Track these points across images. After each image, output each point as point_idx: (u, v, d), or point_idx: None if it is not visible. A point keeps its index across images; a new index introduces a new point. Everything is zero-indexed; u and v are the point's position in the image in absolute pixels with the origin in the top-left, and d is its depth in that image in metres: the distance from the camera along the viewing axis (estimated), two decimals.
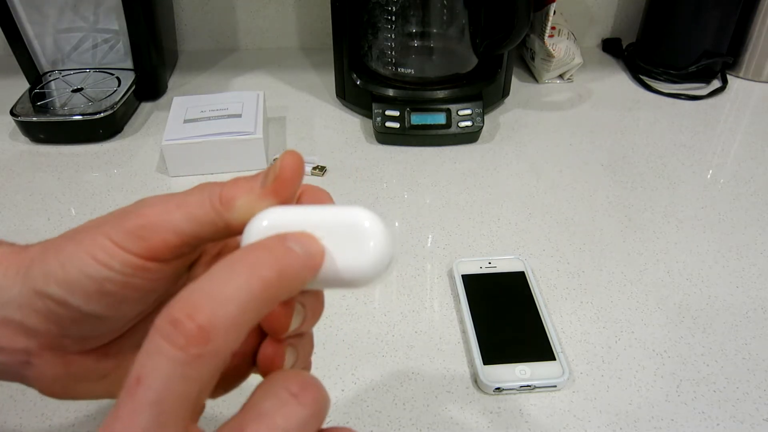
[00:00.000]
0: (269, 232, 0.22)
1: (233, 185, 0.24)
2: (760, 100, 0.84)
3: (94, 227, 0.24)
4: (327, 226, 0.23)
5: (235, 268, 0.20)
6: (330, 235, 0.23)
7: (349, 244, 0.22)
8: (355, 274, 0.22)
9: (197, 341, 0.18)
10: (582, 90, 0.85)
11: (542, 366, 0.45)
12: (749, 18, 0.85)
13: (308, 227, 0.23)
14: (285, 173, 0.23)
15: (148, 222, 0.23)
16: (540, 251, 0.57)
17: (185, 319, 0.18)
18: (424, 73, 0.75)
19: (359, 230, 0.22)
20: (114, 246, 0.23)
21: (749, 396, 0.44)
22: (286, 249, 0.21)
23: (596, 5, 0.95)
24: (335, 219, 0.23)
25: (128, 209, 0.24)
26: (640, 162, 0.70)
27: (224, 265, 0.20)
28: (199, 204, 0.23)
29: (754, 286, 0.53)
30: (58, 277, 0.23)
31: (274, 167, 0.24)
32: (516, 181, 0.67)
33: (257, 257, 0.20)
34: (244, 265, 0.20)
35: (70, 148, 0.72)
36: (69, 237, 0.25)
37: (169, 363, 0.18)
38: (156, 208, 0.24)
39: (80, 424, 0.42)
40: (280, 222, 0.23)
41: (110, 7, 0.77)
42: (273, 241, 0.21)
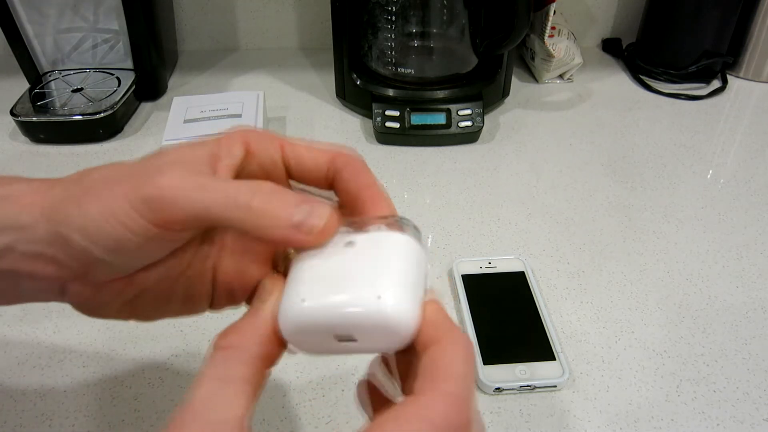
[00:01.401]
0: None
1: (274, 205, 0.24)
2: (760, 100, 0.84)
3: (115, 183, 0.25)
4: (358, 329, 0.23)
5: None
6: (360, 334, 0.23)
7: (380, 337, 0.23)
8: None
9: None
10: (582, 90, 0.85)
11: (542, 366, 0.45)
12: (749, 18, 0.85)
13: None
14: (331, 228, 0.24)
15: (165, 196, 0.24)
16: (540, 251, 0.57)
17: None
18: (424, 73, 0.75)
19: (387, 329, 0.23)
20: (132, 210, 0.24)
21: (749, 396, 0.44)
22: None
23: (596, 5, 0.95)
24: (365, 322, 0.23)
25: (149, 168, 0.25)
26: (640, 162, 0.70)
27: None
28: (223, 200, 0.24)
29: (754, 286, 0.53)
30: (79, 227, 0.24)
31: (320, 213, 0.24)
32: (516, 181, 0.67)
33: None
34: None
35: (70, 148, 0.72)
36: (90, 190, 0.25)
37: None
38: (175, 181, 0.24)
39: (80, 425, 0.42)
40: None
41: (110, 7, 0.77)
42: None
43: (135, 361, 0.46)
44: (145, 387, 0.44)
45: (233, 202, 0.24)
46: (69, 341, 0.48)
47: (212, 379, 0.22)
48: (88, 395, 0.44)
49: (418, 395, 0.21)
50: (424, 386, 0.21)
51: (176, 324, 0.49)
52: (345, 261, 0.24)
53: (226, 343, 0.23)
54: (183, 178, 0.24)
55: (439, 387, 0.21)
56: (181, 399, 0.44)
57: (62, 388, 0.44)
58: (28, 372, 0.46)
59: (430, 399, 0.21)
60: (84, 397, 0.44)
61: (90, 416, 0.42)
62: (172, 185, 0.24)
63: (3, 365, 0.46)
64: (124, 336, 0.48)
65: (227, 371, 0.22)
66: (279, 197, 0.24)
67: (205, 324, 0.49)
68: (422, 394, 0.21)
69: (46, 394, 0.44)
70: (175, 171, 0.24)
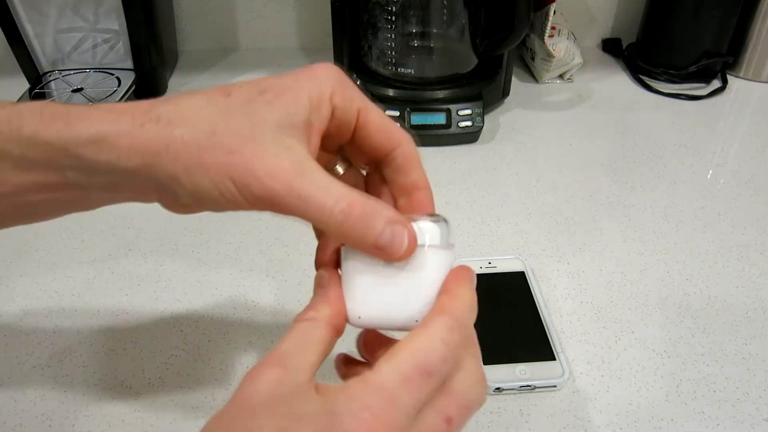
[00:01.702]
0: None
1: (359, 226, 0.27)
2: (760, 100, 0.84)
3: (225, 155, 0.26)
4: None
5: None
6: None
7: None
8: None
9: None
10: (582, 90, 0.85)
11: (542, 366, 0.45)
12: (749, 18, 0.85)
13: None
14: (411, 251, 0.28)
15: (270, 192, 0.26)
16: (540, 251, 0.57)
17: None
18: (424, 73, 0.75)
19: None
20: (233, 187, 0.26)
21: (749, 396, 0.44)
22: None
23: (596, 5, 0.95)
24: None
25: (256, 139, 0.26)
26: (640, 162, 0.70)
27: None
28: (320, 207, 0.26)
29: (754, 286, 0.53)
30: (179, 180, 0.27)
31: (400, 239, 0.27)
32: (516, 181, 0.67)
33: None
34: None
35: None
36: (196, 154, 0.26)
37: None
38: (280, 178, 0.26)
39: (80, 425, 0.42)
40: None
41: (110, 7, 0.77)
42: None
43: (135, 361, 0.46)
44: (145, 387, 0.44)
45: (328, 213, 0.26)
46: (69, 341, 0.48)
47: (293, 339, 0.27)
48: (88, 395, 0.44)
49: (426, 323, 0.26)
50: (429, 318, 0.27)
51: (176, 324, 0.49)
52: (392, 279, 0.28)
53: (306, 317, 0.28)
54: (288, 171, 0.26)
55: (441, 317, 0.26)
56: (181, 399, 0.44)
57: (62, 388, 0.44)
58: (28, 372, 0.46)
59: (437, 323, 0.26)
60: (84, 397, 0.44)
61: (90, 416, 0.42)
62: (278, 182, 0.26)
63: (3, 365, 0.46)
64: (124, 336, 0.48)
65: (306, 334, 0.27)
66: (369, 219, 0.27)
67: (205, 324, 0.49)
68: (428, 323, 0.26)
69: (46, 394, 0.44)
70: (281, 157, 0.26)
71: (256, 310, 0.51)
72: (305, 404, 0.24)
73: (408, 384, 0.24)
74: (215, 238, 0.58)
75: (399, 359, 0.24)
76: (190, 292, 0.52)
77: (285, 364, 0.25)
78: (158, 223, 0.60)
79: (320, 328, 0.27)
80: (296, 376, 0.25)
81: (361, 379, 0.24)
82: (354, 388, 0.24)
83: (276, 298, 0.52)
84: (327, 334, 0.27)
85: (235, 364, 0.46)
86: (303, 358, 0.26)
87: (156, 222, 0.60)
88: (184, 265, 0.55)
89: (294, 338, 0.27)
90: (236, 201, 0.27)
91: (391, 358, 0.25)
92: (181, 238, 0.58)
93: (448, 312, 0.27)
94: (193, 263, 0.55)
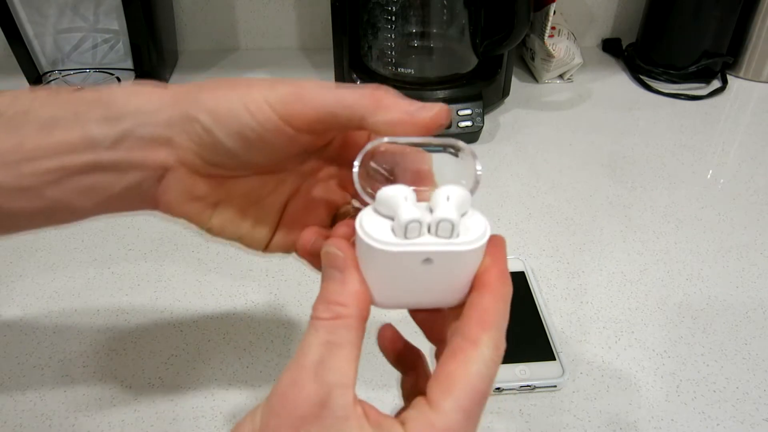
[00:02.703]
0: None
1: (394, 101, 0.26)
2: (760, 100, 0.84)
3: (249, 81, 0.27)
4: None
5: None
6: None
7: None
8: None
9: None
10: (582, 90, 0.85)
11: (542, 366, 0.45)
12: (749, 18, 0.85)
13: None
14: (439, 118, 0.26)
15: (303, 93, 0.26)
16: (540, 251, 0.57)
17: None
18: (424, 73, 0.75)
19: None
20: (264, 102, 0.26)
21: (749, 396, 0.44)
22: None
23: (596, 5, 0.95)
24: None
25: (284, 79, 0.27)
26: (640, 162, 0.70)
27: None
28: (356, 93, 0.26)
29: (754, 286, 0.53)
30: (209, 108, 0.27)
31: (431, 107, 0.26)
32: (516, 181, 0.67)
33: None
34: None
35: None
36: (224, 83, 0.28)
37: None
38: (312, 84, 0.27)
39: (80, 424, 0.42)
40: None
41: (110, 7, 0.77)
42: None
43: (135, 361, 0.46)
44: (145, 387, 0.44)
45: (361, 98, 0.26)
46: (69, 341, 0.48)
47: (322, 345, 0.24)
48: (88, 395, 0.44)
49: (475, 340, 0.25)
50: (479, 332, 0.25)
51: (176, 324, 0.49)
52: (422, 277, 0.25)
53: (330, 314, 0.25)
54: (318, 84, 0.27)
55: (491, 332, 0.25)
56: (181, 399, 0.44)
57: (62, 388, 0.44)
58: (28, 372, 0.46)
59: (485, 342, 0.24)
60: (84, 396, 0.44)
61: (90, 416, 0.42)
62: (311, 86, 0.26)
63: (3, 365, 0.46)
64: (124, 336, 0.48)
65: (336, 337, 0.24)
66: (397, 95, 0.27)
67: (205, 324, 0.49)
68: (479, 339, 0.25)
69: (46, 394, 0.44)
70: (310, 81, 0.27)
71: (256, 310, 0.51)
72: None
73: (470, 418, 0.24)
74: (215, 238, 0.58)
75: (459, 393, 0.23)
76: (190, 292, 0.52)
77: (323, 380, 0.23)
78: (158, 223, 0.60)
79: (351, 327, 0.25)
80: (340, 398, 0.23)
81: (426, 422, 0.23)
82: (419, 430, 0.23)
83: (276, 298, 0.52)
84: (359, 333, 0.25)
85: (235, 364, 0.46)
86: (341, 370, 0.24)
87: (156, 222, 0.60)
88: (184, 265, 0.55)
89: (324, 343, 0.24)
90: (261, 116, 0.26)
91: (449, 390, 0.24)
92: (181, 238, 0.58)
93: (493, 322, 0.25)
94: (193, 263, 0.55)
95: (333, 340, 0.24)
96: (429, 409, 0.23)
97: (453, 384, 0.24)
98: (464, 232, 0.25)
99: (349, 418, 0.23)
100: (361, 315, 0.25)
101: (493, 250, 0.27)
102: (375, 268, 0.25)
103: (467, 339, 0.25)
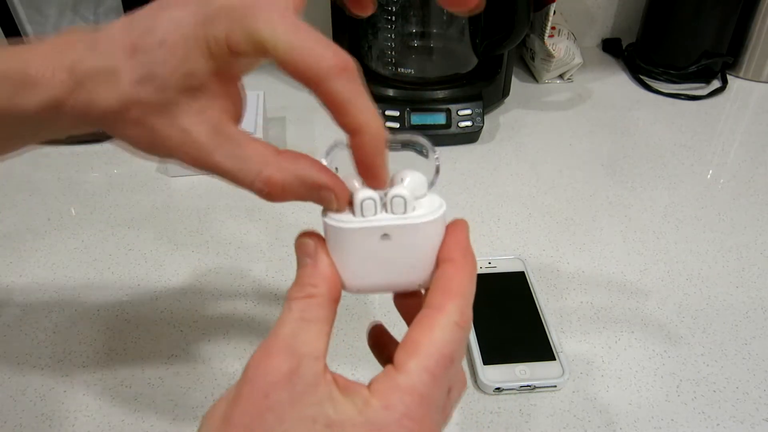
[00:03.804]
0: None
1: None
2: (760, 100, 0.84)
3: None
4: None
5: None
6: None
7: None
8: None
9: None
10: (582, 90, 0.85)
11: (542, 366, 0.45)
12: (749, 18, 0.85)
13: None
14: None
15: (261, 36, 0.25)
16: (540, 251, 0.57)
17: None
18: (424, 73, 0.75)
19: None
20: (221, 39, 0.25)
21: (749, 396, 0.44)
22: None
23: (596, 5, 0.95)
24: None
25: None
26: (640, 162, 0.70)
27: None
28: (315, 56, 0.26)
29: (754, 286, 0.53)
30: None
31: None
32: (516, 181, 0.67)
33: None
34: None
35: (70, 148, 0.72)
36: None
37: None
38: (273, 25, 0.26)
39: (80, 424, 0.42)
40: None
41: (110, 7, 0.76)
42: None
43: (135, 361, 0.46)
44: (145, 387, 0.44)
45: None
46: (69, 341, 0.48)
47: (294, 321, 0.25)
48: (88, 395, 0.44)
49: (439, 306, 0.25)
50: (443, 300, 0.26)
51: (176, 324, 0.49)
52: (388, 246, 0.27)
53: (303, 294, 0.26)
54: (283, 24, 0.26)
55: (455, 299, 0.26)
56: (181, 399, 0.44)
57: (62, 388, 0.44)
58: (28, 372, 0.46)
59: (449, 309, 0.25)
60: (84, 397, 0.44)
61: (90, 416, 0.42)
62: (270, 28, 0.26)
63: (3, 365, 0.46)
64: (124, 336, 0.48)
65: (308, 314, 0.25)
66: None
67: (205, 324, 0.49)
68: (443, 305, 0.25)
69: (46, 394, 0.44)
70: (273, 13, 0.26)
71: (256, 310, 0.51)
72: (336, 409, 0.23)
73: (436, 380, 0.24)
74: (215, 238, 0.58)
75: (423, 355, 0.24)
76: (190, 292, 0.52)
77: (294, 350, 0.24)
78: (158, 223, 0.60)
79: (322, 305, 0.26)
80: (310, 366, 0.24)
81: (391, 383, 0.24)
82: (387, 393, 0.24)
83: (276, 298, 0.52)
84: (330, 312, 0.26)
85: (235, 364, 0.46)
86: (312, 343, 0.25)
87: (156, 222, 0.60)
88: (184, 265, 0.55)
89: (297, 319, 0.25)
90: (215, 49, 0.25)
91: (414, 353, 0.24)
92: (181, 238, 0.58)
93: (457, 291, 0.26)
94: (193, 263, 0.55)
95: (305, 317, 0.25)
96: (394, 371, 0.24)
97: (418, 347, 0.24)
98: (419, 209, 0.27)
99: (319, 384, 0.24)
100: (331, 295, 0.26)
101: (454, 229, 0.28)
102: (341, 251, 0.27)
103: (431, 307, 0.26)
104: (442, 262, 0.27)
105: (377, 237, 0.27)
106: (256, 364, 0.24)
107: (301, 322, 0.25)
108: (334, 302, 0.27)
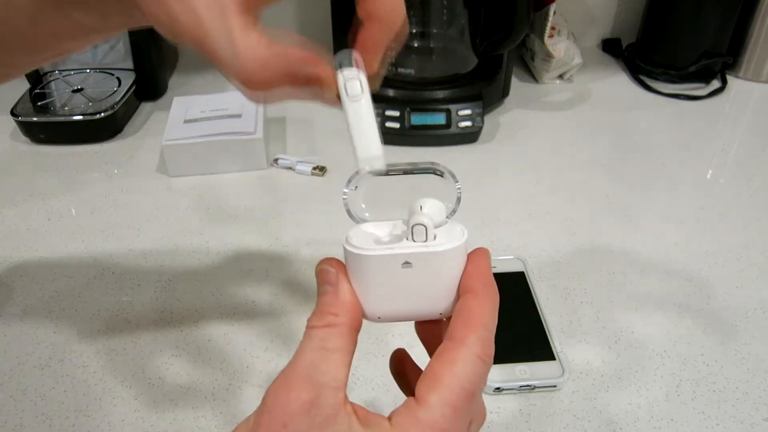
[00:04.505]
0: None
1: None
2: (760, 100, 0.84)
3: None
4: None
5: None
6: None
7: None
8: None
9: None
10: (582, 90, 0.85)
11: (542, 366, 0.45)
12: (749, 18, 0.85)
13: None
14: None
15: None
16: (540, 251, 0.57)
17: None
18: (424, 73, 0.75)
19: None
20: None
21: (749, 396, 0.44)
22: None
23: (596, 5, 0.95)
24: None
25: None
26: (640, 162, 0.70)
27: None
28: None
29: (754, 286, 0.53)
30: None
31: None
32: (516, 181, 0.67)
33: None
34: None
35: (71, 148, 0.72)
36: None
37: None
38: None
39: (80, 424, 0.42)
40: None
41: None
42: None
43: (135, 361, 0.46)
44: (145, 387, 0.44)
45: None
46: (69, 341, 0.48)
47: (315, 350, 0.25)
48: (88, 395, 0.44)
49: (461, 339, 0.25)
50: (465, 332, 0.25)
51: (176, 324, 0.49)
52: (409, 275, 0.27)
53: (323, 323, 0.26)
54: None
55: (477, 332, 0.25)
56: (181, 399, 0.44)
57: (62, 388, 0.44)
58: (28, 372, 0.46)
59: (471, 341, 0.25)
60: (84, 397, 0.44)
61: (90, 416, 0.42)
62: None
63: (3, 365, 0.46)
64: (124, 336, 0.48)
65: (329, 343, 0.25)
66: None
67: (205, 324, 0.49)
68: (465, 338, 0.25)
69: (46, 394, 0.44)
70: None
71: (256, 310, 0.51)
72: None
73: (457, 414, 0.24)
74: (215, 238, 0.58)
75: (445, 389, 0.24)
76: (190, 292, 0.52)
77: (314, 380, 0.24)
78: (158, 223, 0.60)
79: (343, 335, 0.26)
80: (330, 397, 0.24)
81: (412, 417, 0.24)
82: (407, 427, 0.23)
83: (276, 298, 0.52)
84: (350, 341, 0.26)
85: (235, 364, 0.46)
86: (332, 373, 0.24)
87: (156, 222, 0.60)
88: (184, 265, 0.55)
89: (317, 348, 0.25)
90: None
91: (436, 386, 0.24)
92: (181, 238, 0.58)
93: (479, 323, 0.26)
94: (193, 263, 0.55)
95: (326, 346, 0.25)
96: (416, 405, 0.24)
97: (439, 381, 0.24)
98: (441, 237, 0.27)
99: (338, 415, 0.24)
100: (352, 324, 0.26)
101: (475, 258, 0.28)
102: (362, 278, 0.27)
103: (453, 339, 0.25)
104: (464, 292, 0.27)
105: (398, 265, 0.26)
106: (276, 393, 0.24)
107: (321, 351, 0.25)
108: (354, 331, 0.26)
